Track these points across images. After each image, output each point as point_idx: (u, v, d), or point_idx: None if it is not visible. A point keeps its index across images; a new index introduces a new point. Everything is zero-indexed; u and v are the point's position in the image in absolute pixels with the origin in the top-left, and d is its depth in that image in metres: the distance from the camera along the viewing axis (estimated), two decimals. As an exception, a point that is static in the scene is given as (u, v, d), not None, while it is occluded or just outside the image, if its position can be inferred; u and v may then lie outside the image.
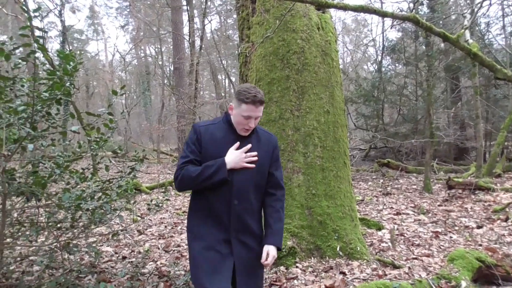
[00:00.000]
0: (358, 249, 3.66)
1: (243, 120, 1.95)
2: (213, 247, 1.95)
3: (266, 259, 1.97)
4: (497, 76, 3.17)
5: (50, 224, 2.97)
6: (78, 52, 2.63)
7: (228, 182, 1.94)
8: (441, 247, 4.38)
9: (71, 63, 2.42)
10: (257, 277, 2.08)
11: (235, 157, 1.95)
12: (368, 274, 3.30)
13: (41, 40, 2.24)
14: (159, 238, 5.16)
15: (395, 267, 3.55)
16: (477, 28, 12.30)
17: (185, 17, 16.70)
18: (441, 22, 11.22)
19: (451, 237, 4.79)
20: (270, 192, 2.11)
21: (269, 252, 1.99)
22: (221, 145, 1.99)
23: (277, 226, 2.07)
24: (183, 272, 3.61)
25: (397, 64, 14.82)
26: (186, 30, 16.66)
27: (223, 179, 1.92)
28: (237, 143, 1.99)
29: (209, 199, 1.98)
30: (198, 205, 2.03)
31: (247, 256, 2.00)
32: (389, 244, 4.36)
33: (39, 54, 2.37)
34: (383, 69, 14.26)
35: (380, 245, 4.37)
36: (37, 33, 2.33)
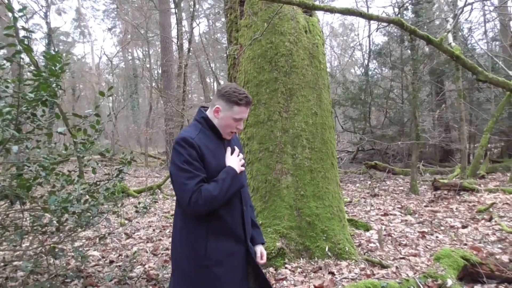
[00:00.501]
0: (347, 249, 3.69)
1: (233, 123, 1.87)
2: (236, 266, 1.88)
3: (262, 258, 2.03)
4: (479, 78, 3.25)
5: (35, 228, 2.92)
6: (65, 53, 2.60)
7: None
8: (428, 246, 4.44)
9: (57, 64, 2.39)
10: None
11: (236, 163, 1.87)
12: (356, 273, 3.33)
13: (26, 41, 2.21)
14: (147, 242, 5.11)
15: (383, 266, 3.59)
16: (460, 34, 12.59)
17: (173, 19, 16.69)
18: (425, 27, 11.43)
19: (437, 237, 4.86)
20: None
21: (262, 251, 2.06)
22: (217, 155, 1.88)
23: (258, 224, 2.15)
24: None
25: (383, 68, 15.06)
26: (174, 32, 16.65)
27: (240, 188, 1.86)
28: (229, 148, 1.94)
29: (220, 215, 1.82)
30: (206, 227, 1.82)
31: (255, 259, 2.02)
32: (377, 244, 4.40)
33: (24, 55, 2.34)
34: (370, 72, 14.47)
35: (368, 245, 4.41)
36: (22, 34, 2.30)
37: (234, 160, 1.89)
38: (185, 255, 1.84)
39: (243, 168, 1.92)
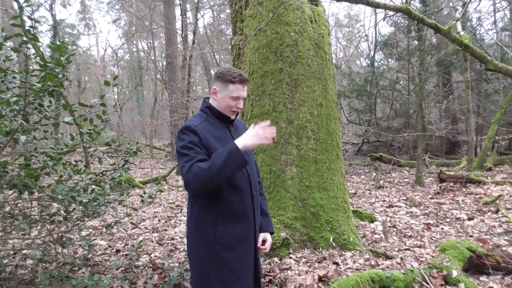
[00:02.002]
0: (351, 240, 3.69)
1: (231, 102, 1.88)
2: (246, 252, 1.90)
3: (264, 245, 2.05)
4: (488, 68, 3.21)
5: (43, 217, 2.96)
6: (71, 43, 2.60)
7: (242, 176, 1.89)
8: (433, 238, 4.44)
9: (64, 54, 2.40)
10: None
11: (250, 134, 1.74)
12: (361, 264, 3.34)
13: (32, 30, 2.22)
14: (153, 232, 5.16)
15: (387, 257, 3.60)
16: (468, 24, 12.40)
17: (177, 11, 16.60)
18: (433, 16, 11.27)
19: (442, 228, 4.86)
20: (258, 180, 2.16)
21: (268, 239, 2.08)
22: (223, 141, 1.87)
23: (269, 213, 2.18)
24: (177, 264, 3.62)
25: (389, 59, 14.91)
26: (178, 24, 16.57)
27: (241, 164, 1.70)
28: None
29: (229, 200, 1.83)
30: (215, 211, 1.83)
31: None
32: (382, 235, 4.41)
33: (30, 46, 2.34)
34: (376, 64, 14.34)
35: (372, 236, 4.42)
36: (28, 25, 2.31)
37: (245, 136, 1.75)
38: (196, 241, 1.88)
39: (265, 141, 1.73)
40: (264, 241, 2.07)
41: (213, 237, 1.82)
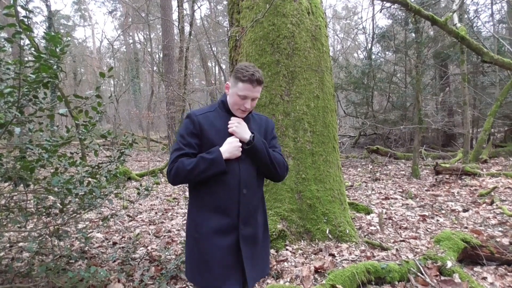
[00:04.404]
0: (347, 232, 3.72)
1: (239, 100, 1.84)
2: (222, 245, 1.84)
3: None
4: (484, 59, 3.20)
5: (39, 210, 2.95)
6: (66, 34, 2.57)
7: (231, 172, 1.84)
8: (428, 230, 4.48)
9: (58, 45, 2.37)
10: (264, 263, 2.03)
11: (231, 147, 1.82)
12: (356, 255, 3.36)
13: (26, 20, 2.19)
14: (150, 224, 5.17)
15: (383, 249, 3.63)
16: (466, 16, 12.36)
17: (174, 2, 16.46)
18: (430, 8, 11.22)
19: (438, 220, 4.89)
20: None
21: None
22: (223, 134, 1.86)
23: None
24: (173, 257, 3.64)
25: (387, 52, 14.87)
26: (175, 16, 16.44)
27: (220, 172, 1.80)
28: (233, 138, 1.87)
29: (214, 192, 1.84)
30: (200, 201, 1.88)
31: (254, 247, 1.94)
32: (378, 227, 4.44)
33: (24, 36, 2.31)
34: (373, 56, 14.29)
35: (368, 228, 4.45)
36: (22, 15, 2.27)
37: (229, 145, 1.83)
38: (187, 227, 1.97)
39: (238, 154, 1.84)
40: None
41: (194, 225, 1.89)
